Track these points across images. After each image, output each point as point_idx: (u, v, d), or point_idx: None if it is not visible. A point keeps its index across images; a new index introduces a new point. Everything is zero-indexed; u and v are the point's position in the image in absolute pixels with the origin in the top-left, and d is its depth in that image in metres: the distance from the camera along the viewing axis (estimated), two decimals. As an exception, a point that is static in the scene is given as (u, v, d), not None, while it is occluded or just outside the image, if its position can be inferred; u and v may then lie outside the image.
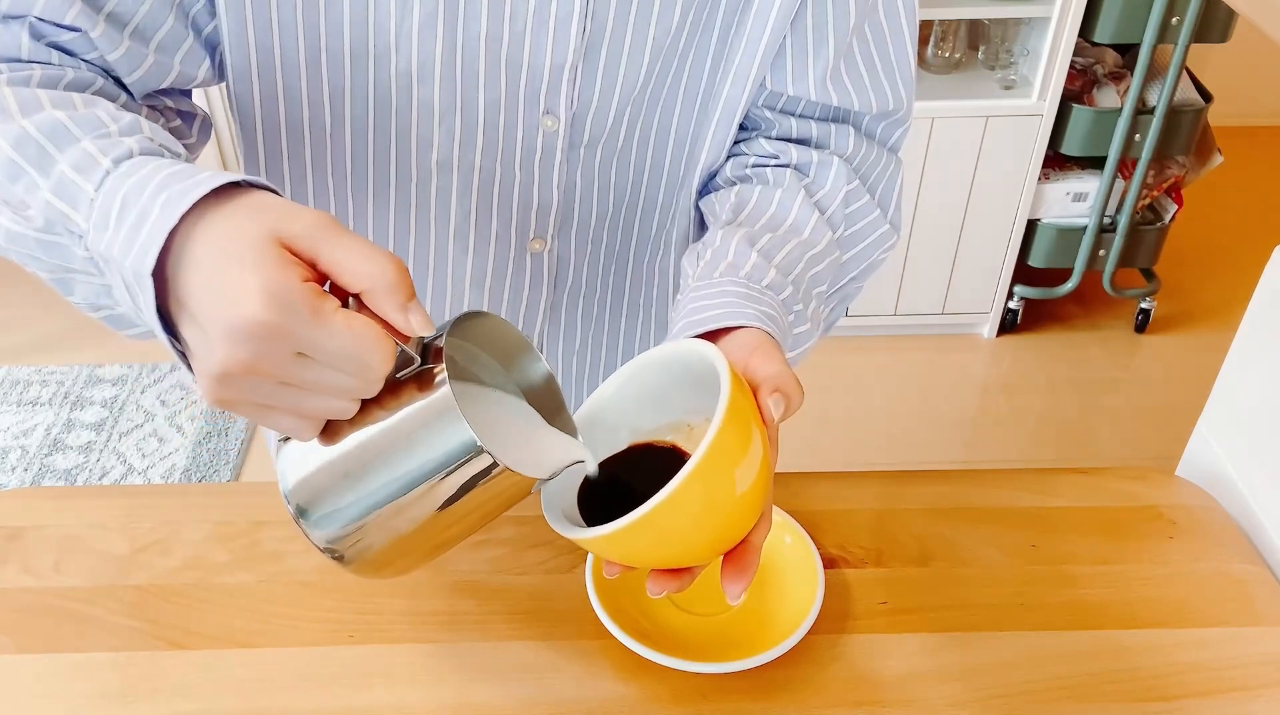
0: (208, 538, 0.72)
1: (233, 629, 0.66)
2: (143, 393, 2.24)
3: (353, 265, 0.44)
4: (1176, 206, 2.30)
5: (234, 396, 0.44)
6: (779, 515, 0.72)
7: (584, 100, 0.65)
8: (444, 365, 0.46)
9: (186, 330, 0.45)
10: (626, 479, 0.56)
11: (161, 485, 1.82)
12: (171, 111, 0.63)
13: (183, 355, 0.47)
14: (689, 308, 0.60)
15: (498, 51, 0.61)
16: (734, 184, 0.72)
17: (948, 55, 2.17)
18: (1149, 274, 2.44)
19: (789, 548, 0.71)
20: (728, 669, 0.63)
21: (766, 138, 0.73)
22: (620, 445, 0.57)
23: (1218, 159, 2.27)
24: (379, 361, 0.44)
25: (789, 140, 0.72)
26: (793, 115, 0.72)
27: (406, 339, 0.45)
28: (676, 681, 0.64)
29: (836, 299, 0.76)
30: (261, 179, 0.47)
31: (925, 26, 2.15)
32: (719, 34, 0.66)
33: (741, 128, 0.73)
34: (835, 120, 0.72)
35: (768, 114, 0.72)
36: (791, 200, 0.69)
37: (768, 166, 0.72)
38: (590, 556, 0.69)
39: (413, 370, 0.47)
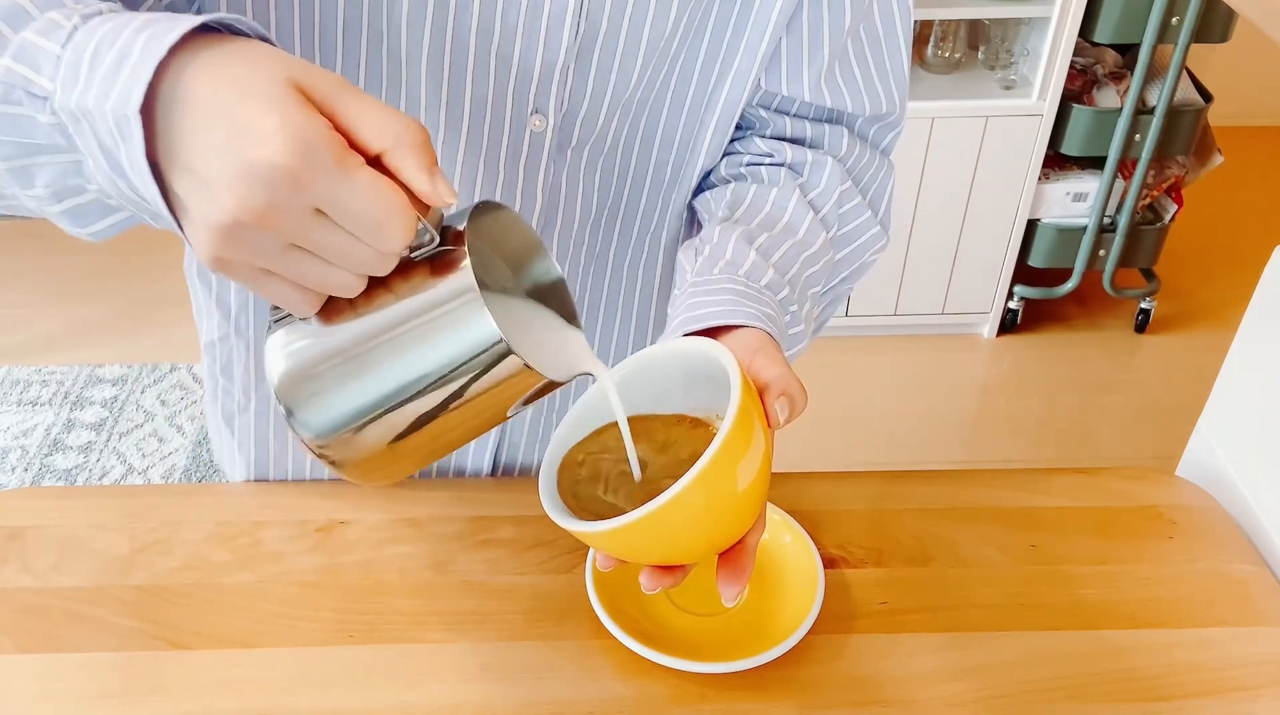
0: (208, 538, 0.72)
1: (233, 629, 0.66)
2: (143, 393, 2.24)
3: (376, 121, 0.40)
4: (1176, 206, 2.30)
5: (236, 255, 0.40)
6: (779, 515, 0.72)
7: (574, 102, 0.65)
8: (466, 248, 0.42)
9: (179, 182, 0.40)
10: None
11: (161, 485, 1.82)
12: None
13: (176, 219, 0.42)
14: (687, 303, 0.60)
15: (488, 46, 0.61)
16: (728, 182, 0.72)
17: (948, 55, 2.17)
18: (1149, 274, 2.44)
19: (789, 548, 0.71)
20: (728, 669, 0.63)
21: (761, 136, 0.73)
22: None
23: (1218, 159, 2.27)
24: (400, 230, 0.40)
25: (783, 139, 0.72)
26: (787, 115, 0.72)
27: (425, 211, 0.42)
28: (676, 681, 0.64)
29: (828, 300, 0.76)
30: (257, 25, 0.43)
31: (925, 26, 2.15)
32: (711, 39, 0.66)
33: (736, 127, 0.73)
34: (829, 121, 0.73)
35: (762, 113, 0.72)
36: (787, 199, 0.69)
37: (762, 165, 0.72)
38: (590, 557, 0.69)
39: (428, 251, 0.43)
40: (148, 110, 0.39)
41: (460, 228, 0.43)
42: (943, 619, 0.68)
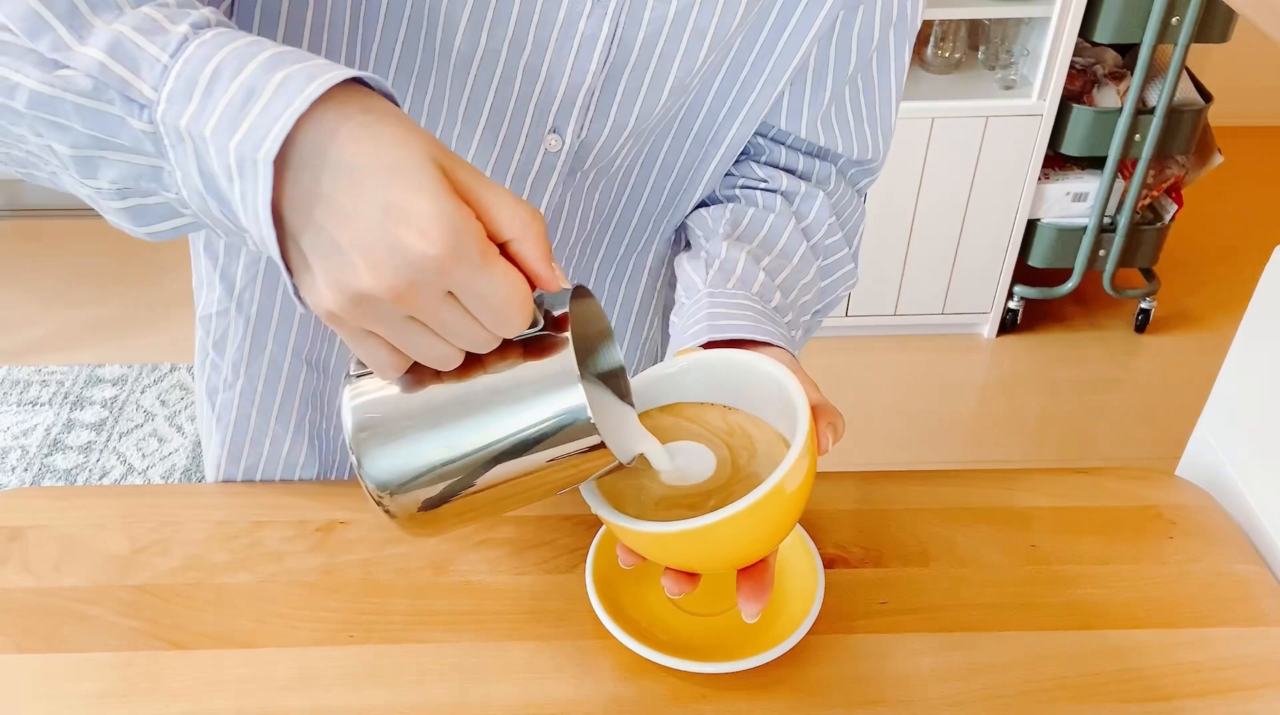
0: (208, 538, 0.72)
1: (233, 629, 0.66)
2: (143, 393, 2.24)
3: (508, 210, 0.41)
4: (1176, 206, 2.30)
5: (352, 317, 0.41)
6: (779, 515, 0.72)
7: (595, 129, 0.65)
8: (569, 333, 0.44)
9: (308, 238, 0.40)
10: None
11: (161, 485, 1.82)
12: None
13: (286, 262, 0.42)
14: (708, 312, 0.60)
15: (518, 56, 0.61)
16: (722, 202, 0.74)
17: (948, 55, 2.17)
18: (1149, 274, 2.44)
19: (789, 548, 0.71)
20: (728, 669, 0.63)
21: (756, 162, 0.74)
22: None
23: (1218, 159, 2.27)
24: (522, 318, 0.42)
25: (778, 167, 0.74)
26: (783, 145, 0.74)
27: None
28: (676, 681, 0.64)
29: (802, 329, 0.77)
30: (386, 84, 0.42)
31: (925, 26, 2.15)
32: (726, 75, 0.67)
33: None
34: (819, 157, 0.75)
35: (760, 140, 0.74)
36: (784, 226, 0.71)
37: (757, 189, 0.73)
38: (590, 557, 0.69)
39: (533, 332, 0.45)
40: (278, 158, 0.39)
41: (560, 312, 0.45)
42: (943, 619, 0.68)
